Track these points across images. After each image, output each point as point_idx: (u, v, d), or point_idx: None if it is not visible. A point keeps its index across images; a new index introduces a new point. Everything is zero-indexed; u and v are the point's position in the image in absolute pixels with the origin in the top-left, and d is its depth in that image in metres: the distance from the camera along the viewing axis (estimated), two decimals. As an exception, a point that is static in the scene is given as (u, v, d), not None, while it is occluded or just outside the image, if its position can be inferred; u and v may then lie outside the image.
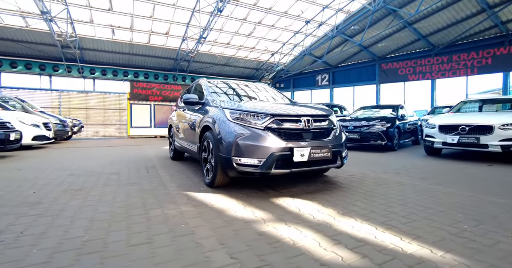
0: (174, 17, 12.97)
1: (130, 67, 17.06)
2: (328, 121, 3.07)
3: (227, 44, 15.87)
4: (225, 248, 1.60)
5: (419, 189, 3.02)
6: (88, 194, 2.85)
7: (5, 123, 5.92)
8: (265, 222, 2.02)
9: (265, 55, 17.53)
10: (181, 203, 2.52)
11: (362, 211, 2.27)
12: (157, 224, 2.00)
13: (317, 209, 2.33)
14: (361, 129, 6.79)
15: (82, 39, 13.92)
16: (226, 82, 4.41)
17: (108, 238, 1.76)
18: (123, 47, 15.18)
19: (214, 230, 1.87)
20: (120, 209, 2.36)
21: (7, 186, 3.17)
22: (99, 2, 11.57)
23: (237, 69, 19.19)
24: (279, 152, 2.59)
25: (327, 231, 1.86)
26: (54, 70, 15.37)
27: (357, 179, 3.53)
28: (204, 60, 17.59)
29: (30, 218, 2.14)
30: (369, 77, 15.46)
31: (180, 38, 14.49)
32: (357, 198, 2.67)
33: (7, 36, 13.13)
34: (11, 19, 12.26)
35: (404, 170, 4.18)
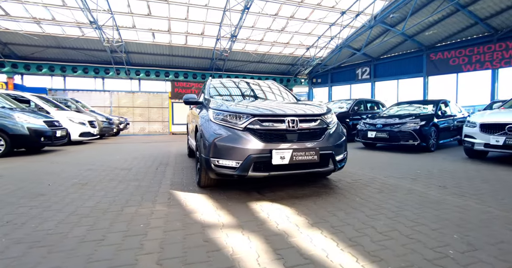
0: (207, 17, 13.34)
1: (170, 68, 18.13)
2: (320, 121, 2.81)
3: (261, 41, 15.80)
4: (160, 253, 1.57)
5: (427, 200, 2.60)
6: (89, 188, 3.08)
7: (53, 121, 6.77)
8: (222, 228, 1.94)
9: (300, 49, 17.03)
10: (160, 202, 2.57)
11: (337, 222, 2.03)
12: (120, 222, 2.06)
13: (288, 217, 2.15)
14: (391, 127, 6.14)
15: (127, 44, 15.20)
16: (233, 81, 4.36)
17: (69, 233, 1.87)
18: (163, 49, 16.17)
19: (166, 233, 1.86)
20: (103, 204, 2.50)
21: (31, 178, 3.61)
22: (139, 9, 12.47)
23: (271, 66, 19.03)
24: (257, 154, 2.46)
25: (279, 243, 1.70)
26: (105, 72, 17.11)
27: (361, 185, 3.19)
28: (239, 58, 17.80)
29: (26, 208, 2.39)
30: (415, 69, 13.93)
31: (215, 38, 14.85)
32: (343, 207, 2.40)
33: (68, 45, 15.00)
34: (70, 30, 13.95)
35: (425, 176, 3.66)
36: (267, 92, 4.10)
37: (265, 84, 4.46)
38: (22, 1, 11.43)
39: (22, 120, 5.98)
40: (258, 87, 4.24)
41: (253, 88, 4.16)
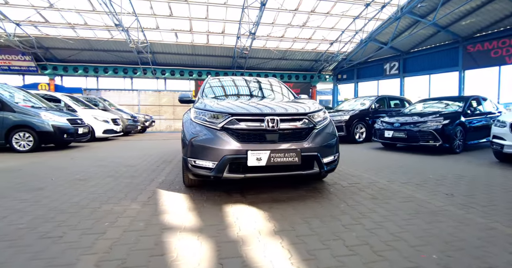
0: (227, 16, 13.38)
1: (194, 67, 18.56)
2: (305, 120, 2.62)
3: (281, 37, 15.52)
4: (105, 254, 1.54)
5: (423, 209, 2.31)
6: (84, 184, 3.20)
7: (76, 119, 7.23)
8: (181, 231, 1.87)
9: (323, 45, 16.44)
10: (139, 200, 2.57)
11: (305, 231, 1.86)
12: (89, 219, 2.08)
13: (255, 222, 2.02)
14: (410, 126, 5.65)
15: (152, 44, 15.80)
16: (233, 79, 4.28)
17: (36, 229, 1.92)
18: (186, 48, 16.57)
19: (124, 233, 1.83)
20: (86, 200, 2.56)
21: (42, 172, 3.86)
22: (161, 10, 12.87)
23: (294, 62, 18.63)
24: (232, 155, 2.35)
25: (228, 251, 1.58)
26: (133, 72, 18.00)
27: (356, 189, 2.94)
28: (260, 56, 17.66)
29: (17, 202, 2.53)
30: (449, 62, 12.73)
31: (235, 36, 14.87)
32: (323, 214, 2.21)
33: (99, 47, 15.98)
34: (101, 33, 14.84)
35: (436, 181, 3.28)
36: (265, 90, 3.95)
37: (266, 81, 4.30)
38: (59, 9, 12.36)
39: (48, 118, 6.46)
40: (256, 85, 4.11)
41: (250, 86, 4.05)
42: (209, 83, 3.97)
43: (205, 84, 3.91)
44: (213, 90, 3.82)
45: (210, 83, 3.98)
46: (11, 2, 12.02)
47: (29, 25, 13.68)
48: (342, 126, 7.72)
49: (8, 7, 12.27)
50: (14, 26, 13.46)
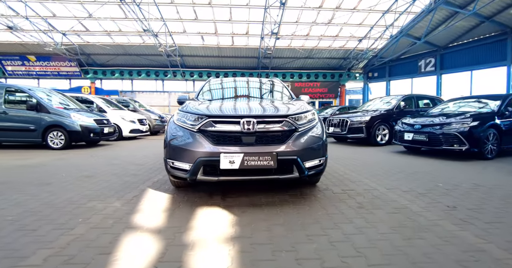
0: (250, 17, 13.46)
1: (220, 69, 18.98)
2: (286, 122, 2.50)
3: (306, 35, 15.19)
4: (59, 249, 1.61)
5: (409, 223, 2.07)
6: (86, 181, 3.42)
7: (102, 120, 7.79)
8: (142, 231, 1.89)
9: (352, 42, 15.75)
10: (124, 198, 2.67)
11: (262, 240, 1.77)
12: (69, 215, 2.20)
13: (218, 226, 1.98)
14: (432, 128, 5.13)
15: (180, 48, 16.48)
16: (233, 81, 4.27)
17: (20, 221, 2.08)
18: (212, 51, 17.01)
19: (89, 230, 1.90)
20: (78, 197, 2.72)
21: (60, 168, 4.21)
22: (187, 14, 13.36)
23: (321, 61, 18.12)
24: (205, 157, 2.33)
25: (171, 255, 1.56)
26: (164, 75, 18.94)
27: (346, 196, 2.74)
28: (285, 55, 17.48)
29: (21, 195, 2.78)
30: (495, 57, 11.37)
31: (259, 37, 14.90)
32: (293, 222, 2.09)
33: (133, 52, 17.08)
34: (134, 39, 15.85)
35: (443, 191, 2.93)
36: (263, 91, 3.87)
37: (267, 82, 4.21)
38: (96, 18, 13.47)
39: (77, 118, 7.05)
40: (255, 86, 4.05)
41: (248, 87, 4.00)
42: (208, 85, 4.00)
43: (203, 85, 3.96)
44: (211, 92, 3.84)
45: (208, 84, 4.02)
46: (58, 14, 13.38)
47: (73, 34, 15.11)
48: (362, 127, 7.30)
49: (56, 19, 13.66)
50: (61, 36, 14.96)
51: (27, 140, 6.96)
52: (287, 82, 19.20)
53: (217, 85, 4.03)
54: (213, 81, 4.12)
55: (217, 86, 4.00)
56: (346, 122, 7.60)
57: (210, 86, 3.97)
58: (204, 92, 3.76)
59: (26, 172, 3.94)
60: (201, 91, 3.77)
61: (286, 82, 19.22)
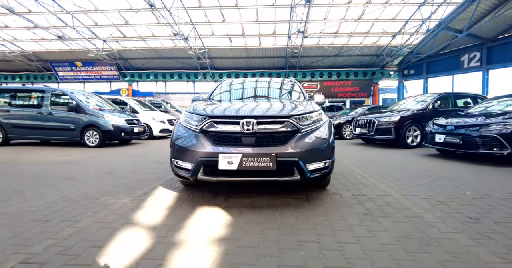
0: (276, 16, 13.39)
1: (248, 70, 19.15)
2: (287, 123, 2.43)
3: (336, 33, 14.70)
4: (61, 241, 1.73)
5: (415, 235, 1.88)
6: (107, 177, 3.66)
7: (133, 120, 8.30)
8: (139, 227, 1.96)
9: (384, 38, 14.90)
10: (134, 195, 2.79)
11: (249, 243, 1.74)
12: (80, 208, 2.36)
13: (211, 227, 1.98)
14: (467, 129, 4.64)
15: (209, 50, 16.93)
16: (245, 81, 4.26)
17: (39, 212, 2.28)
18: (240, 52, 17.23)
19: (92, 223, 2.02)
20: (94, 191, 2.92)
21: (90, 165, 4.57)
22: (215, 17, 13.68)
23: (352, 59, 17.41)
24: (205, 157, 2.36)
25: (156, 253, 1.59)
26: (195, 77, 19.62)
27: (355, 202, 2.59)
28: (314, 54, 17.10)
29: (49, 188, 3.06)
30: (556, 48, 9.95)
31: (286, 36, 14.75)
32: (288, 226, 2.02)
33: (165, 55, 17.95)
34: (166, 43, 16.64)
35: (468, 201, 2.62)
36: (273, 91, 3.82)
37: (277, 82, 4.15)
38: (132, 24, 14.39)
39: (109, 119, 7.59)
40: (265, 86, 4.00)
41: (258, 88, 3.97)
42: (220, 86, 4.05)
43: (216, 87, 4.01)
44: (222, 93, 3.88)
45: (220, 86, 4.06)
46: (99, 23, 14.54)
47: (112, 40, 16.31)
48: (390, 128, 6.85)
49: (97, 27, 14.86)
50: (102, 43, 16.23)
51: (68, 139, 7.65)
52: (316, 81, 18.77)
53: (228, 86, 4.06)
54: (225, 83, 4.15)
55: (228, 87, 4.03)
56: (373, 122, 7.20)
57: (222, 87, 4.01)
58: (216, 93, 3.81)
59: (60, 168, 4.33)
60: (213, 92, 3.83)
61: (315, 81, 18.78)
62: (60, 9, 12.60)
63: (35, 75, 20.86)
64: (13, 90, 8.10)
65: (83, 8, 12.81)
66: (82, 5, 12.64)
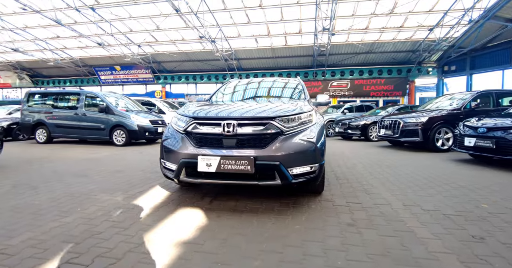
0: (302, 15, 13.10)
1: (275, 69, 19.03)
2: (271, 125, 2.33)
3: (365, 29, 13.95)
4: (41, 234, 1.85)
5: (395, 254, 1.67)
6: (115, 175, 3.86)
7: (157, 120, 8.70)
8: (113, 226, 2.03)
9: (421, 32, 13.77)
10: (130, 193, 2.90)
11: (208, 249, 1.69)
12: (74, 204, 2.51)
13: (182, 229, 1.97)
14: (503, 132, 4.07)
15: (236, 51, 17.15)
16: (251, 81, 4.21)
17: (40, 206, 2.48)
18: (266, 52, 17.19)
19: (76, 219, 2.14)
20: (95, 188, 3.10)
21: (106, 162, 4.88)
22: (240, 18, 13.81)
23: (385, 55, 16.39)
24: (187, 159, 2.36)
25: (116, 251, 1.62)
26: (223, 78, 20.01)
27: (345, 210, 2.39)
28: (343, 51, 16.42)
29: (59, 184, 3.32)
30: None
31: (312, 34, 14.37)
32: (257, 233, 1.93)
33: (195, 58, 18.57)
34: (195, 46, 17.20)
35: (480, 215, 2.28)
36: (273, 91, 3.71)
37: (281, 81, 4.03)
38: (163, 29, 15.13)
39: (135, 119, 8.05)
40: (267, 87, 3.90)
41: (260, 88, 3.88)
42: (224, 87, 4.05)
43: (218, 88, 4.02)
44: (222, 94, 3.87)
45: (224, 87, 4.06)
46: (133, 29, 15.53)
47: (146, 45, 17.32)
48: (417, 130, 6.29)
49: (132, 33, 15.89)
50: (137, 47, 17.32)
51: (99, 137, 8.29)
52: (346, 79, 18.01)
53: (230, 87, 4.04)
54: (229, 83, 4.14)
55: (230, 88, 4.01)
56: (399, 123, 6.67)
57: (224, 88, 4.01)
58: (216, 94, 3.81)
59: (79, 165, 4.69)
60: (214, 93, 3.84)
61: (345, 80, 18.03)
62: (100, 18, 13.71)
63: (82, 79, 22.97)
64: (54, 93, 8.99)
65: (119, 16, 13.78)
66: (118, 14, 13.61)
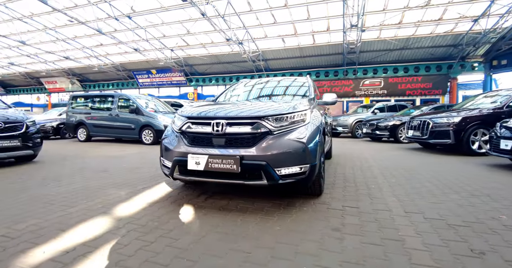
0: (328, 12, 12.73)
1: (303, 69, 18.72)
2: (258, 124, 2.31)
3: (399, 23, 13.09)
4: (42, 221, 2.07)
5: (374, 263, 1.57)
6: (132, 171, 4.11)
7: (182, 120, 9.10)
8: (107, 218, 2.18)
9: (463, 23, 12.52)
10: (135, 188, 3.08)
11: (178, 244, 1.73)
12: (85, 197, 2.73)
13: (163, 225, 2.04)
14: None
15: (263, 52, 17.21)
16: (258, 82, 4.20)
17: (57, 196, 2.74)
18: (294, 52, 16.99)
19: (78, 210, 2.34)
20: (110, 183, 3.33)
21: (129, 160, 5.23)
22: (266, 19, 13.83)
23: (422, 51, 15.21)
24: (179, 157, 2.44)
25: (90, 245, 1.74)
26: (251, 79, 20.21)
27: (338, 214, 2.28)
28: (375, 48, 15.60)
29: (80, 178, 3.65)
30: None
31: (341, 31, 13.88)
32: (234, 233, 1.92)
33: (224, 60, 19.01)
34: (224, 48, 17.61)
35: (492, 228, 2.01)
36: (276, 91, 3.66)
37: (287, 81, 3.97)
38: (193, 33, 15.75)
39: (161, 119, 8.50)
40: (272, 87, 3.86)
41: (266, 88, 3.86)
42: (231, 87, 4.10)
43: (226, 89, 4.08)
44: (227, 95, 3.92)
45: (232, 87, 4.11)
46: (166, 34, 16.40)
47: (178, 49, 18.17)
48: (448, 131, 5.75)
49: (165, 38, 16.78)
50: (170, 51, 18.25)
51: (129, 137, 8.91)
52: (379, 78, 17.06)
53: (238, 88, 4.08)
54: (237, 85, 4.19)
55: (237, 89, 4.05)
56: (428, 124, 6.16)
57: (232, 89, 4.06)
58: (222, 95, 3.88)
59: (105, 161, 5.09)
60: (221, 94, 3.91)
61: (378, 78, 17.08)
62: (136, 25, 14.71)
63: (123, 83, 24.83)
64: (92, 96, 9.87)
65: (152, 22, 14.66)
66: (151, 20, 14.48)
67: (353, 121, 11.58)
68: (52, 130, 10.96)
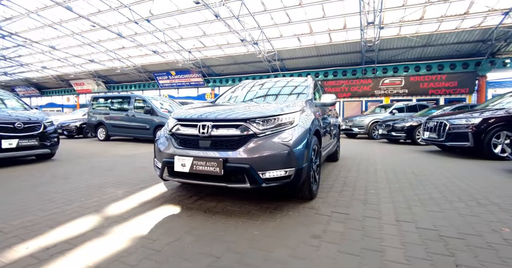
0: (345, 9, 12.39)
1: (319, 68, 18.37)
2: (243, 127, 2.28)
3: (420, 19, 12.45)
4: (36, 217, 2.19)
5: None
6: (136, 171, 4.25)
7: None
8: (96, 217, 2.26)
9: (493, 17, 11.65)
10: (134, 188, 3.18)
11: (155, 246, 1.76)
12: (84, 195, 2.86)
13: (150, 224, 2.08)
14: None
15: (279, 52, 17.10)
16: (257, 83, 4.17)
17: (59, 193, 2.90)
18: (310, 51, 16.72)
19: (73, 207, 2.45)
20: (110, 182, 3.47)
21: (138, 159, 5.42)
22: (280, 18, 13.72)
23: (446, 48, 14.38)
24: (167, 159, 2.48)
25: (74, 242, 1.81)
26: (267, 79, 20.16)
27: (321, 220, 2.21)
28: (395, 46, 14.97)
29: (87, 176, 3.83)
30: None
31: (359, 29, 13.46)
32: (212, 236, 1.92)
33: (240, 61, 19.11)
34: (240, 49, 17.70)
35: (490, 242, 1.85)
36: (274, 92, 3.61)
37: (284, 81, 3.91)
38: (209, 34, 15.98)
39: (174, 120, 8.72)
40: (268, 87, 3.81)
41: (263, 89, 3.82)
42: (233, 89, 4.11)
43: (226, 90, 4.10)
44: (231, 95, 3.93)
45: (233, 88, 4.12)
46: (184, 36, 16.78)
47: (195, 50, 18.53)
48: (467, 133, 5.38)
49: (183, 40, 17.18)
50: (187, 53, 18.66)
51: (145, 136, 9.21)
52: (399, 76, 16.34)
53: (236, 90, 4.07)
54: (238, 86, 4.19)
55: (237, 90, 4.05)
56: (444, 125, 5.81)
57: (232, 89, 4.06)
58: (222, 96, 3.90)
59: (116, 160, 5.30)
60: (221, 95, 3.93)
61: (399, 76, 16.36)
62: (154, 28, 15.19)
63: (144, 84, 25.75)
64: (111, 97, 10.32)
65: (170, 25, 15.06)
66: (169, 23, 14.88)
67: (369, 121, 11.18)
68: (76, 130, 11.61)
